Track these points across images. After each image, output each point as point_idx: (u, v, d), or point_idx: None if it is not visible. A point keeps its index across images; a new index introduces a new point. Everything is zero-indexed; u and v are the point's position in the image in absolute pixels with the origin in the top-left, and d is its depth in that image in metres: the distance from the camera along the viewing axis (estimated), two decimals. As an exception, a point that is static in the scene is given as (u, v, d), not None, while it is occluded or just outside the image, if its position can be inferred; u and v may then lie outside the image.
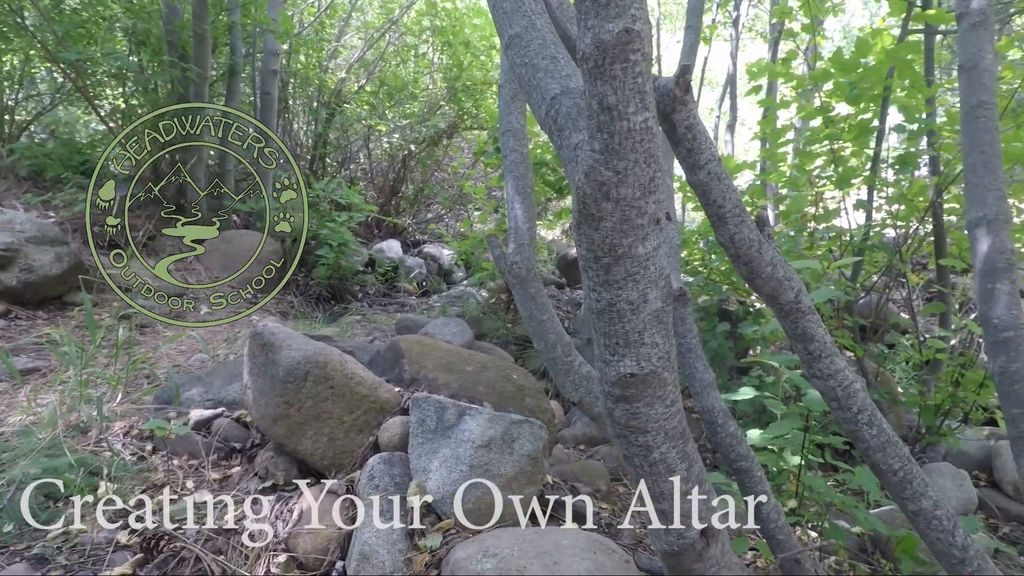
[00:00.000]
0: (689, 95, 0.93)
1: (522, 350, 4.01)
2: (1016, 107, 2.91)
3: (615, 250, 0.81)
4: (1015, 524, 2.76)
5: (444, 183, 8.12)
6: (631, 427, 0.92)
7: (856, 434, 1.00)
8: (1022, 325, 1.48)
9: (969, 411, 3.02)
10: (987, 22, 1.80)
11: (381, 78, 7.58)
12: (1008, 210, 1.65)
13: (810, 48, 5.41)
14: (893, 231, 3.39)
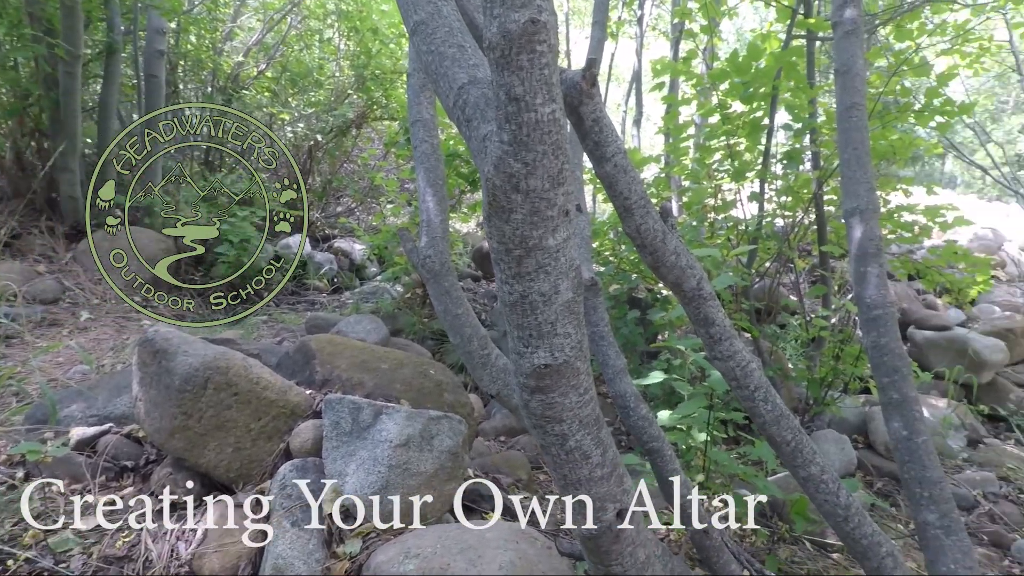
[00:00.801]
0: (596, 88, 0.94)
1: (440, 345, 3.97)
2: (882, 109, 3.23)
3: (526, 242, 0.82)
4: (887, 479, 3.09)
5: (354, 175, 7.85)
6: (547, 417, 0.93)
7: (754, 410, 1.07)
8: (889, 304, 1.65)
9: (848, 382, 3.33)
10: (858, 31, 1.98)
11: (283, 63, 7.20)
12: (877, 201, 1.83)
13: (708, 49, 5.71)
14: (782, 221, 3.67)
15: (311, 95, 7.27)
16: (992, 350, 4.38)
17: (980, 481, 3.09)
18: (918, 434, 1.49)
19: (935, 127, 3.26)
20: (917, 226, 3.44)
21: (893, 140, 3.18)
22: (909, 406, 1.52)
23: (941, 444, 3.42)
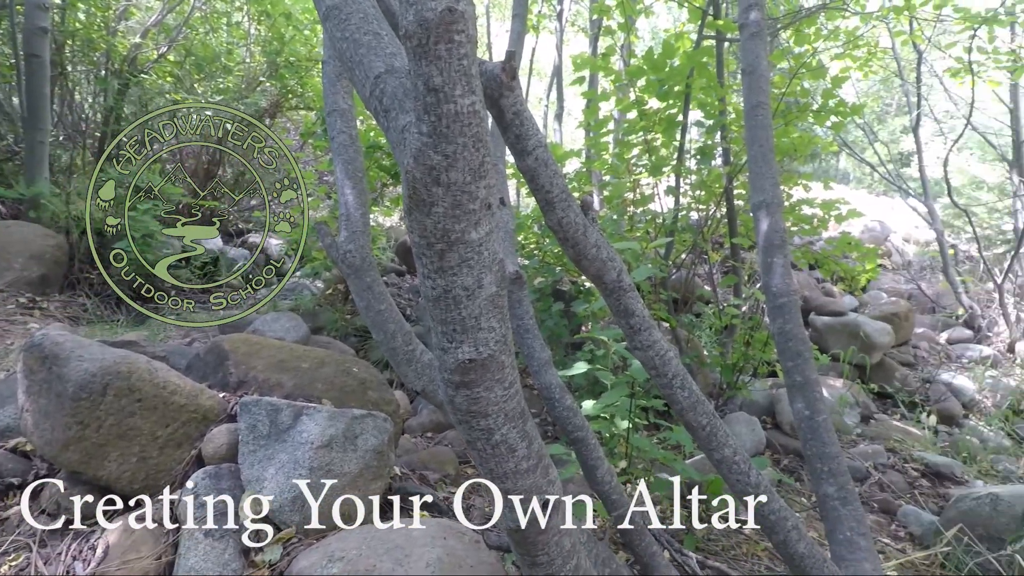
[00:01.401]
0: (516, 81, 0.94)
1: (363, 342, 3.87)
2: (784, 109, 3.45)
3: (448, 236, 0.80)
4: (792, 456, 3.32)
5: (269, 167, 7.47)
6: (472, 412, 0.92)
7: (671, 397, 1.11)
8: (793, 292, 1.77)
9: (757, 367, 3.55)
10: (762, 33, 2.09)
11: (186, 47, 6.72)
12: (781, 195, 1.95)
13: (626, 46, 5.87)
14: (696, 214, 3.84)
15: (219, 82, 6.84)
16: (880, 333, 4.81)
17: (871, 454, 3.39)
18: (819, 413, 1.61)
19: (831, 126, 3.51)
20: (816, 219, 3.70)
21: (794, 138, 3.41)
22: (811, 388, 1.64)
23: (838, 421, 3.72)
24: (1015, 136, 6.32)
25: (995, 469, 3.51)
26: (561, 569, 1.09)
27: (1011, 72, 5.47)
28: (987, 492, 2.39)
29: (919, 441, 3.75)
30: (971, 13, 4.81)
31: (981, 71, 5.51)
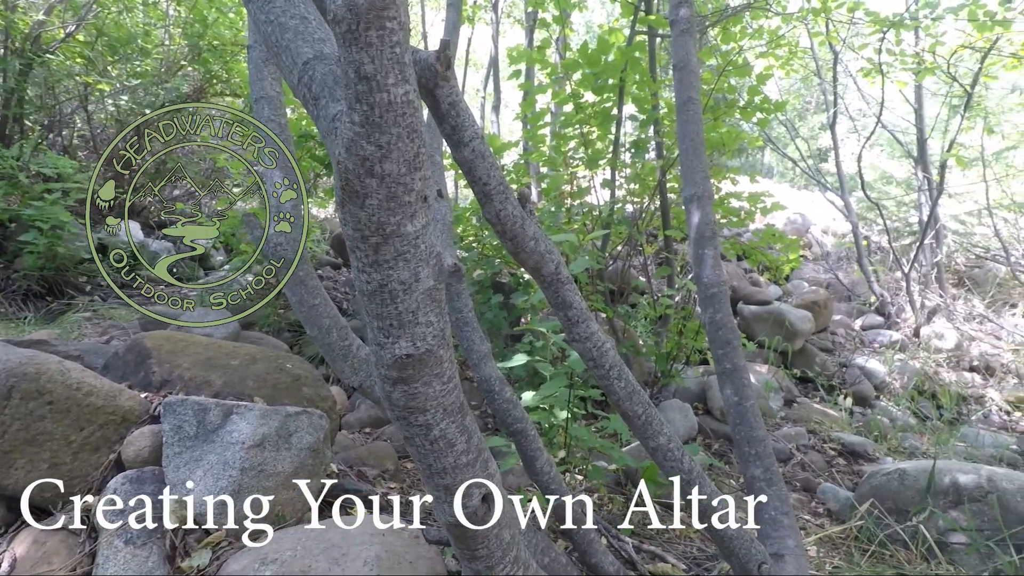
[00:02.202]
0: (451, 71, 0.92)
1: (297, 337, 3.75)
2: (713, 104, 3.58)
3: (383, 229, 0.78)
4: (722, 440, 3.48)
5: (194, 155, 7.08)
6: (410, 408, 0.90)
7: (609, 387, 1.14)
8: (723, 282, 1.84)
9: (690, 355, 3.69)
10: (692, 29, 2.15)
11: (97, 26, 6.23)
12: (711, 189, 2.02)
13: (561, 39, 5.92)
14: (631, 207, 3.93)
15: (135, 64, 6.39)
16: (802, 320, 5.10)
17: (794, 436, 3.60)
18: (746, 399, 1.68)
19: (756, 122, 3.68)
20: (743, 211, 3.87)
21: (723, 133, 3.54)
22: (739, 374, 1.71)
23: (764, 405, 3.93)
24: (919, 134, 6.83)
25: (903, 446, 3.81)
26: (501, 561, 1.09)
27: (915, 74, 5.89)
28: (895, 468, 2.58)
29: (836, 422, 4.02)
30: (880, 17, 5.14)
31: (890, 72, 5.91)
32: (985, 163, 7.17)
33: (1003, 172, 8.16)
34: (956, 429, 4.26)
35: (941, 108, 6.86)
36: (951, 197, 8.12)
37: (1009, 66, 5.59)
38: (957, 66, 5.89)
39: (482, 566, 1.08)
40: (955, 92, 6.09)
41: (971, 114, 6.28)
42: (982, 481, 2.31)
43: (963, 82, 5.79)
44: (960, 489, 2.34)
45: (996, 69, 5.62)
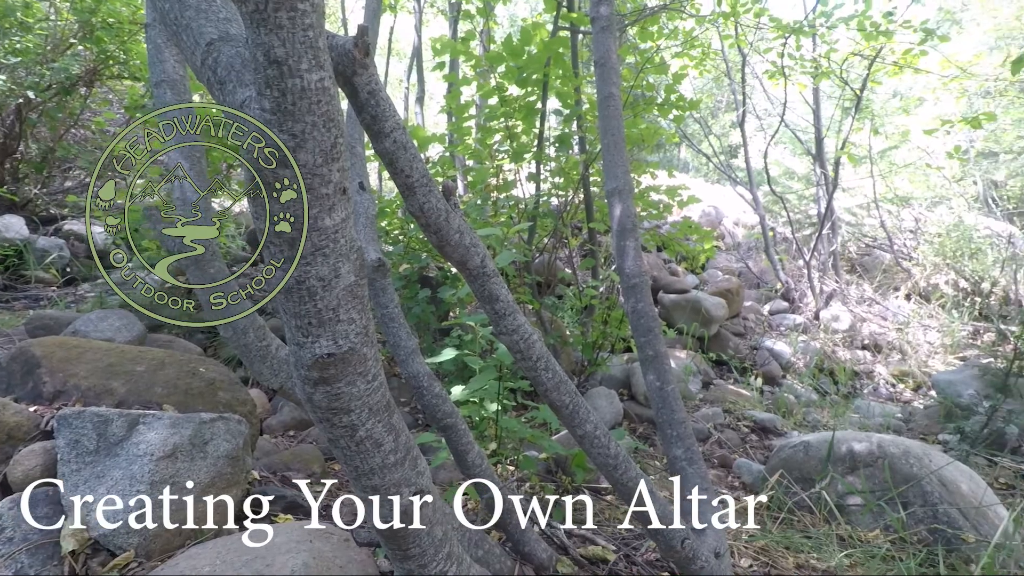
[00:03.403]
0: (370, 59, 0.89)
1: (212, 339, 3.54)
2: (633, 101, 3.68)
3: (298, 222, 0.74)
4: (646, 424, 3.61)
5: (88, 143, 6.48)
6: (333, 409, 0.87)
7: (536, 379, 1.14)
8: (644, 273, 1.90)
9: (615, 343, 3.80)
10: (612, 26, 2.20)
11: (-34, -4, 5.57)
12: (631, 183, 2.09)
13: (485, 31, 5.90)
14: (556, 200, 3.99)
15: (14, 40, 5.76)
16: (717, 307, 5.37)
17: (711, 416, 3.79)
18: (668, 383, 1.75)
19: (673, 119, 3.82)
20: (662, 204, 4.02)
21: (642, 129, 3.66)
22: (660, 360, 1.78)
23: (684, 389, 4.12)
24: (817, 133, 7.35)
25: (806, 420, 4.11)
26: (434, 559, 1.08)
27: (813, 77, 6.34)
28: (800, 441, 2.78)
29: (749, 401, 4.27)
30: (783, 23, 5.48)
31: (791, 75, 6.33)
32: (872, 161, 7.85)
33: (887, 169, 8.96)
34: (851, 402, 4.65)
35: (835, 110, 7.42)
36: (844, 191, 8.82)
37: (891, 73, 6.13)
38: (848, 71, 6.40)
39: (414, 565, 1.07)
40: (847, 95, 6.61)
41: (860, 116, 6.84)
42: (873, 448, 2.54)
43: (853, 86, 6.28)
44: (855, 456, 2.55)
45: (881, 75, 6.14)
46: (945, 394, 4.07)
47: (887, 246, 7.82)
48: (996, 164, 9.37)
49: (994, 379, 3.38)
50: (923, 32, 5.28)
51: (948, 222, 8.11)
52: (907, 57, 5.75)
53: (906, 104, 9.51)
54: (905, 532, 2.23)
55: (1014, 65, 3.37)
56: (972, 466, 2.99)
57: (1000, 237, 7.86)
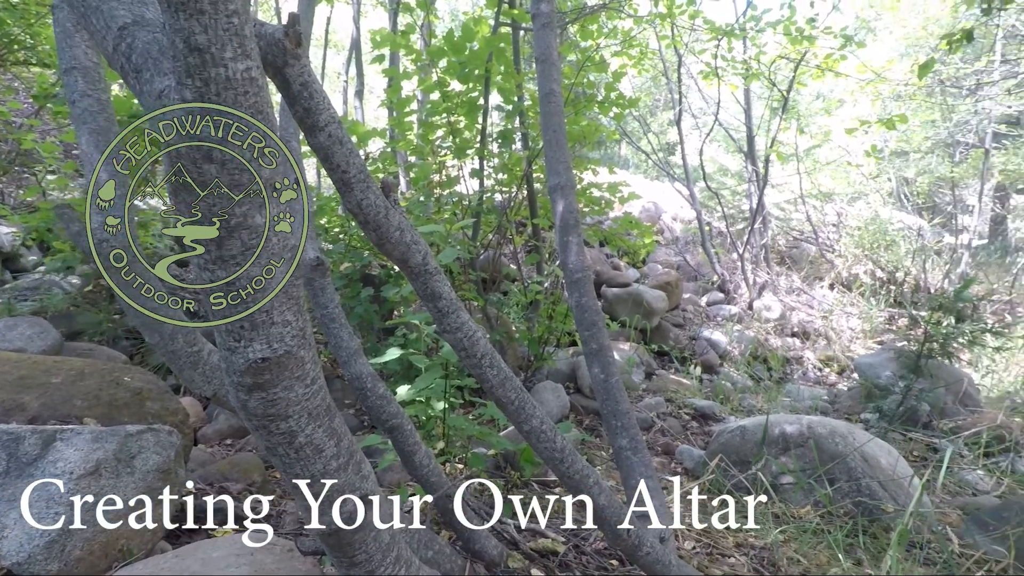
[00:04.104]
0: (302, 49, 0.85)
1: (138, 345, 3.34)
2: (574, 98, 3.72)
3: (227, 220, 0.70)
4: (592, 416, 3.67)
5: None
6: (270, 416, 0.83)
7: (482, 376, 1.14)
8: (587, 268, 1.92)
9: (560, 337, 3.84)
10: (552, 24, 2.21)
11: None
12: (573, 179, 2.11)
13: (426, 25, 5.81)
14: (500, 196, 3.99)
15: None
16: (658, 300, 5.52)
17: (654, 405, 3.90)
18: (612, 375, 1.78)
19: (613, 116, 3.89)
20: (604, 200, 4.09)
21: (583, 126, 3.70)
22: (604, 353, 1.81)
23: (628, 380, 4.21)
24: (748, 132, 7.67)
25: (742, 406, 4.29)
26: (381, 563, 1.05)
27: (744, 78, 6.61)
28: (737, 425, 2.90)
29: (689, 390, 4.42)
30: (716, 26, 5.68)
31: (724, 75, 6.57)
32: (798, 158, 8.26)
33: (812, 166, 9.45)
34: (783, 387, 4.89)
35: (764, 110, 7.77)
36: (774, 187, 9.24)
37: (815, 76, 6.47)
38: (776, 74, 6.71)
39: (362, 571, 1.04)
40: (775, 96, 6.93)
41: (787, 116, 7.18)
42: (803, 429, 2.67)
43: (781, 88, 6.59)
44: (787, 438, 2.69)
45: (806, 78, 6.47)
46: (865, 376, 4.35)
47: (813, 239, 8.27)
48: (907, 162, 10.06)
49: (907, 361, 3.63)
50: (843, 38, 5.59)
51: (866, 216, 8.66)
52: (828, 61, 6.08)
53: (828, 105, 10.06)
54: (832, 506, 2.37)
55: (920, 70, 3.62)
56: (890, 442, 3.20)
57: (911, 230, 8.46)
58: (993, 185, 8.85)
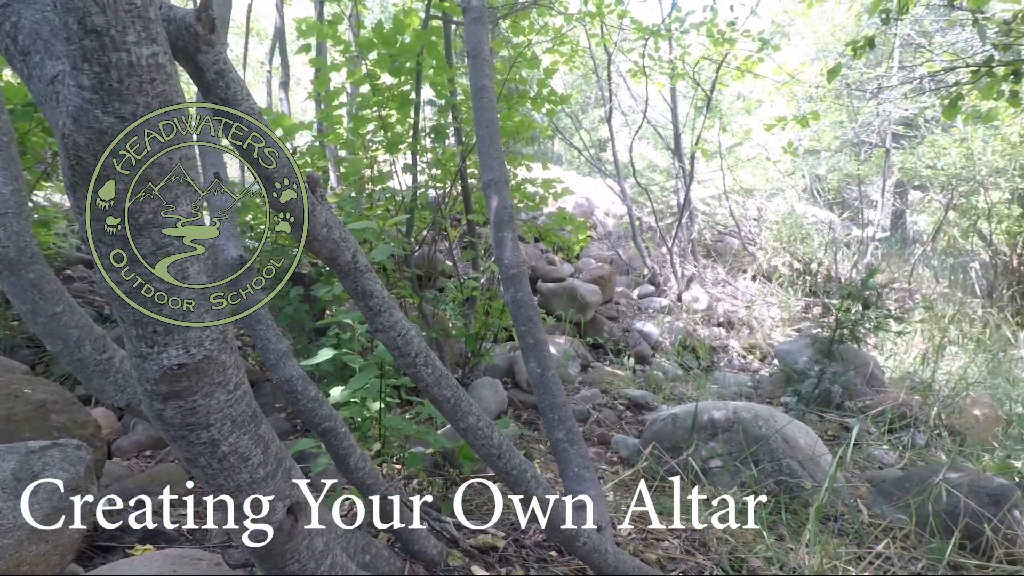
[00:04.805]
0: (217, 35, 0.80)
1: (42, 353, 3.08)
2: (507, 94, 3.73)
3: (135, 218, 0.65)
4: (530, 410, 3.71)
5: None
6: (189, 425, 0.78)
7: (416, 375, 1.12)
8: (522, 263, 1.93)
9: (497, 333, 3.85)
10: (484, 18, 2.20)
11: None
12: (507, 174, 2.11)
13: (354, 15, 5.66)
14: (434, 192, 3.94)
15: None
16: (592, 293, 5.64)
17: (590, 397, 3.98)
18: (548, 369, 1.80)
19: (546, 113, 3.93)
20: (538, 196, 4.13)
21: (516, 121, 3.72)
22: (541, 348, 1.83)
23: (564, 373, 4.28)
24: (675, 130, 7.95)
25: (674, 394, 4.45)
26: (315, 572, 1.02)
27: (670, 77, 6.83)
28: (669, 413, 3.01)
29: (623, 380, 4.54)
30: (643, 26, 5.84)
31: (651, 74, 6.77)
32: (722, 156, 8.65)
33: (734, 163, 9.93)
34: (710, 375, 5.12)
35: (690, 108, 8.07)
36: (700, 183, 9.64)
37: (735, 76, 6.79)
38: (700, 74, 6.98)
39: (292, 582, 1.00)
40: (699, 96, 7.22)
41: (711, 115, 7.50)
42: (730, 414, 2.81)
43: (705, 88, 6.87)
44: (715, 423, 2.81)
45: (727, 79, 6.78)
46: (785, 362, 4.62)
47: (736, 233, 8.69)
48: (819, 160, 10.75)
49: (821, 346, 3.88)
50: (760, 41, 5.89)
51: (783, 211, 9.19)
52: (747, 63, 6.39)
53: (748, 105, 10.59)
54: (757, 486, 2.50)
55: (829, 74, 3.87)
56: (807, 422, 3.42)
57: (823, 223, 9.05)
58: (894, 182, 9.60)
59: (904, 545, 2.16)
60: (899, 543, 2.16)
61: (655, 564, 1.90)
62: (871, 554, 2.01)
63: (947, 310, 6.75)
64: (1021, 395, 4.37)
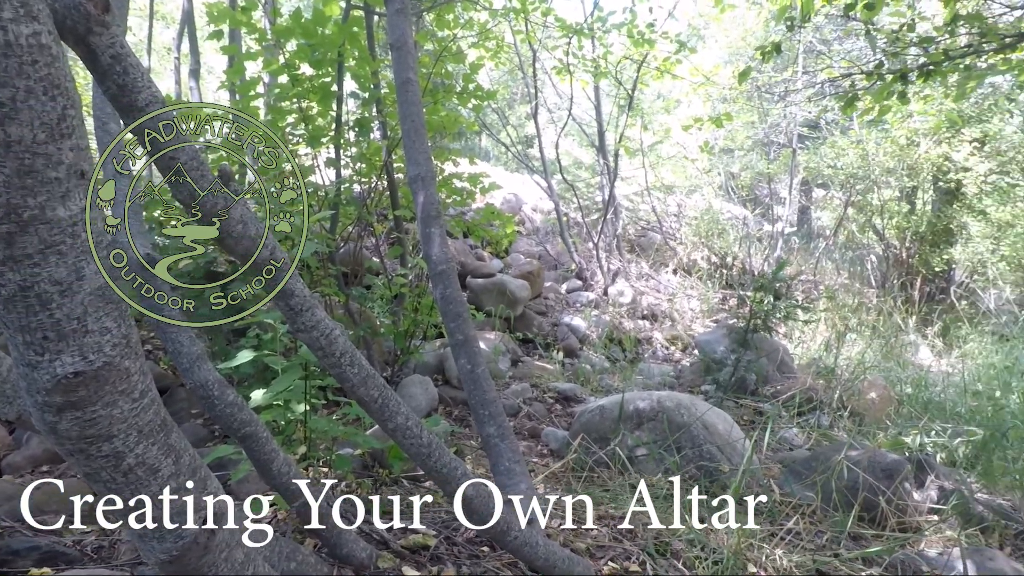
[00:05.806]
0: (111, 15, 0.74)
1: (-88, 365, 2.75)
2: (433, 88, 3.68)
3: (18, 213, 0.60)
4: (461, 407, 3.70)
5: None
6: (89, 438, 0.73)
7: (341, 375, 1.09)
8: (451, 260, 1.92)
9: (427, 330, 3.81)
10: (407, 10, 2.16)
11: None
12: (434, 169, 2.09)
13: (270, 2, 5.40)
14: (359, 187, 3.84)
15: None
16: (521, 289, 5.69)
17: (520, 391, 4.02)
18: (478, 365, 1.81)
19: (472, 108, 3.91)
20: (465, 191, 4.11)
21: (443, 116, 3.68)
22: (470, 344, 1.83)
23: (494, 369, 4.30)
24: (599, 127, 8.15)
25: (601, 386, 4.58)
26: (234, 585, 0.97)
27: (593, 76, 7.00)
28: (597, 405, 3.09)
29: (553, 374, 4.62)
30: (567, 24, 5.94)
31: (575, 72, 6.90)
32: (644, 153, 8.96)
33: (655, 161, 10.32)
34: (636, 366, 5.30)
35: (613, 107, 8.30)
36: (623, 180, 9.93)
37: (655, 77, 7.04)
38: (622, 73, 7.19)
39: (210, 597, 0.95)
40: (622, 95, 7.43)
41: (633, 113, 7.74)
42: (654, 404, 2.92)
43: (627, 87, 7.08)
44: (640, 413, 2.92)
45: (648, 79, 7.02)
46: (704, 352, 4.86)
47: (658, 228, 9.03)
48: (733, 159, 11.36)
49: (737, 336, 4.11)
50: (678, 43, 6.14)
51: (701, 207, 9.64)
52: (666, 64, 6.64)
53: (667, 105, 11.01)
54: (680, 472, 2.62)
55: (740, 76, 4.10)
56: (725, 409, 3.62)
57: (738, 219, 9.58)
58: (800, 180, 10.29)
59: (811, 520, 2.33)
60: (807, 519, 2.32)
61: (584, 553, 1.95)
62: (782, 531, 2.15)
63: (848, 300, 7.33)
64: (910, 377, 4.82)
